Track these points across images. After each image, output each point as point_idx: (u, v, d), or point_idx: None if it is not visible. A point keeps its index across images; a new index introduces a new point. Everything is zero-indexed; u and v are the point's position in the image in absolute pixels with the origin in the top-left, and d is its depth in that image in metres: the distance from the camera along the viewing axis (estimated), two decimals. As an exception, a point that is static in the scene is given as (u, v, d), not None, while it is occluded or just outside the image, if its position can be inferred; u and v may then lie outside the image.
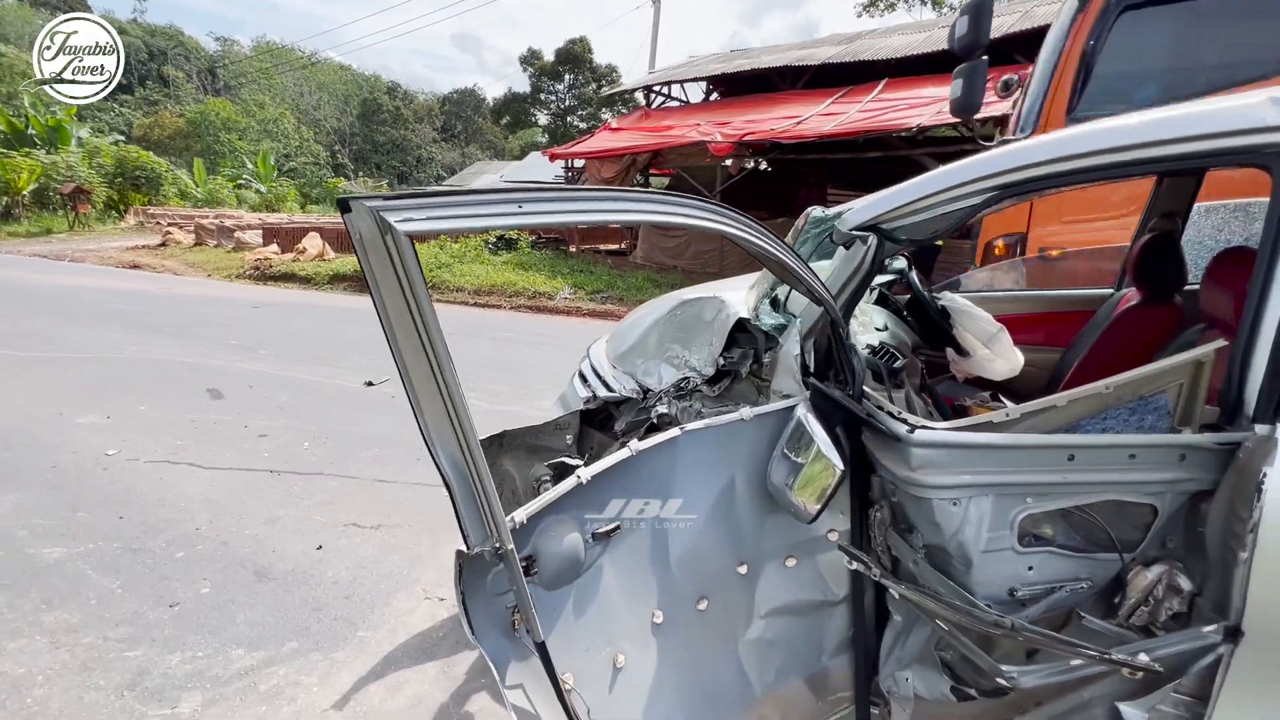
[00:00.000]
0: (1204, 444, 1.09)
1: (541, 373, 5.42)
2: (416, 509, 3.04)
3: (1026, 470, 1.13)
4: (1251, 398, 1.10)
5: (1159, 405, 1.15)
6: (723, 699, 1.35)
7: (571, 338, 7.03)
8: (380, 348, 6.24)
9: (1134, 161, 1.24)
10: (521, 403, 4.59)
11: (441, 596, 2.38)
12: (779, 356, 1.63)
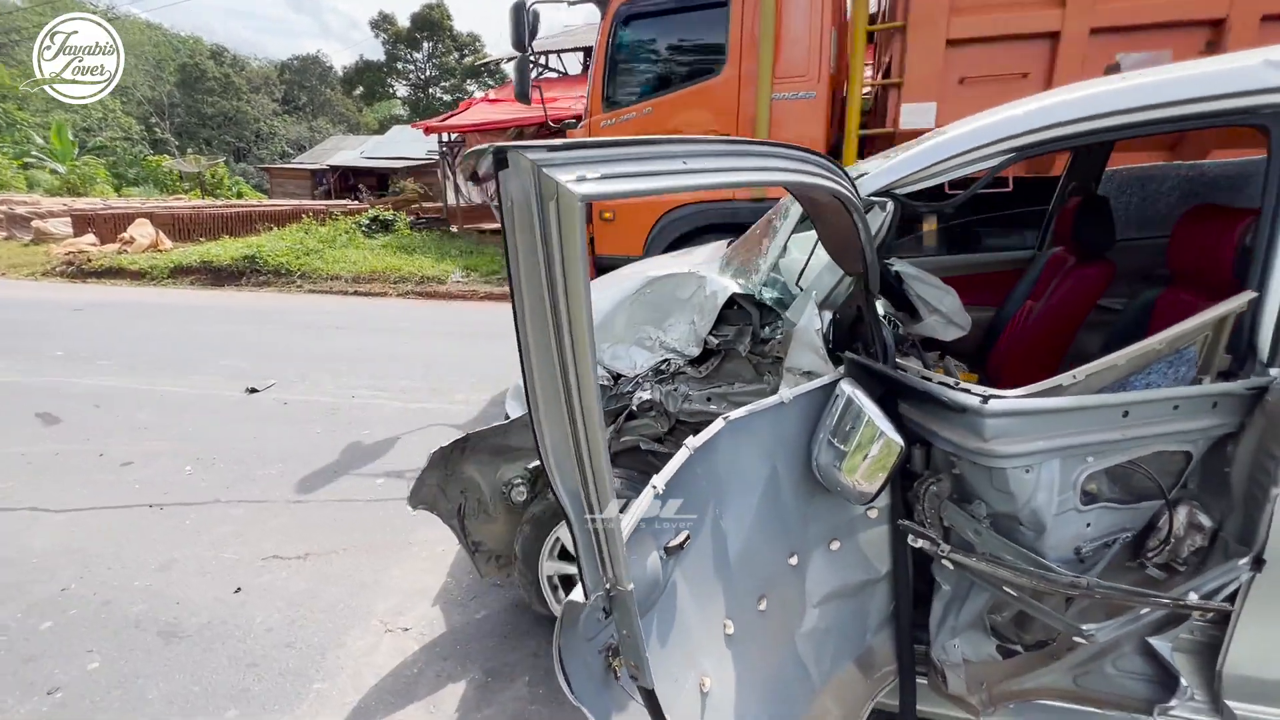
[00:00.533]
0: (1236, 390, 1.15)
1: (452, 364, 5.03)
2: (347, 529, 2.67)
3: (1089, 430, 1.14)
4: (1264, 344, 1.18)
5: (1189, 357, 1.20)
6: (789, 698, 1.27)
7: (472, 325, 6.61)
8: (257, 348, 5.46)
9: (1147, 122, 1.28)
10: (438, 399, 4.23)
11: (405, 626, 2.10)
12: (795, 332, 1.54)
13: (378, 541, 2.59)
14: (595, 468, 0.73)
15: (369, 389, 4.43)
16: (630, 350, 2.15)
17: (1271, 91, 1.21)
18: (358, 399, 4.24)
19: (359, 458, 3.35)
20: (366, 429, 3.72)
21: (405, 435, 3.64)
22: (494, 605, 2.21)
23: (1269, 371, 1.16)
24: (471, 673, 1.90)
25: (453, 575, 2.37)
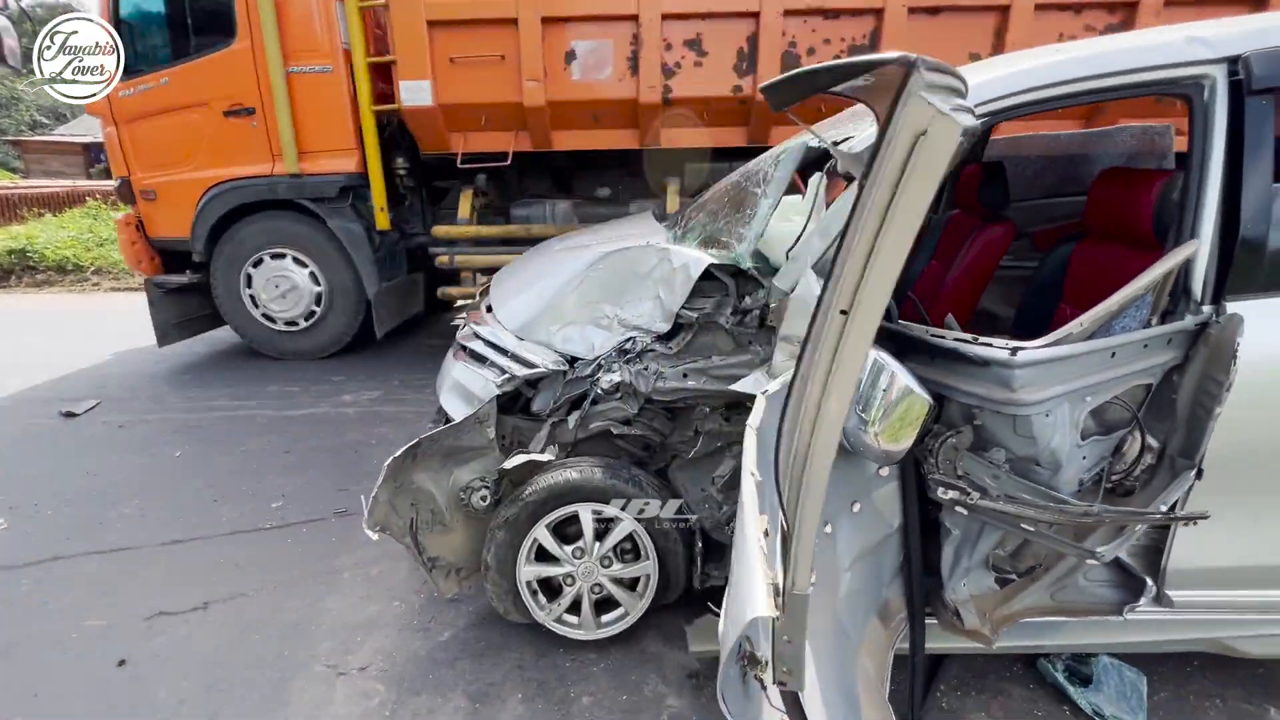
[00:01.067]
0: (1187, 327, 1.33)
1: (324, 359, 4.47)
2: (252, 566, 2.27)
3: (1090, 373, 1.26)
4: (1198, 286, 1.37)
5: (1147, 301, 1.36)
6: (842, 665, 1.28)
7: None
8: (54, 362, 4.49)
9: (1091, 90, 1.41)
10: (324, 402, 3.74)
11: (360, 665, 1.83)
12: (792, 300, 1.52)
13: (295, 575, 2.22)
14: (817, 466, 0.64)
15: (231, 398, 3.79)
16: (585, 331, 2.02)
17: (1192, 64, 1.37)
18: (219, 410, 3.61)
19: (242, 480, 2.86)
20: (242, 444, 3.18)
21: (295, 447, 3.17)
22: (458, 623, 2.00)
23: (1202, 310, 1.35)
24: (454, 701, 1.71)
25: (399, 598, 2.11)
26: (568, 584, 1.86)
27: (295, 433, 3.30)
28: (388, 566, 2.25)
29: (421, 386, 3.86)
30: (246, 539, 2.43)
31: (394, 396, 3.81)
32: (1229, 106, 1.35)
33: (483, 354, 2.17)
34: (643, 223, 2.83)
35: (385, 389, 3.92)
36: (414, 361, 4.45)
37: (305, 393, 3.85)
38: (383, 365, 4.38)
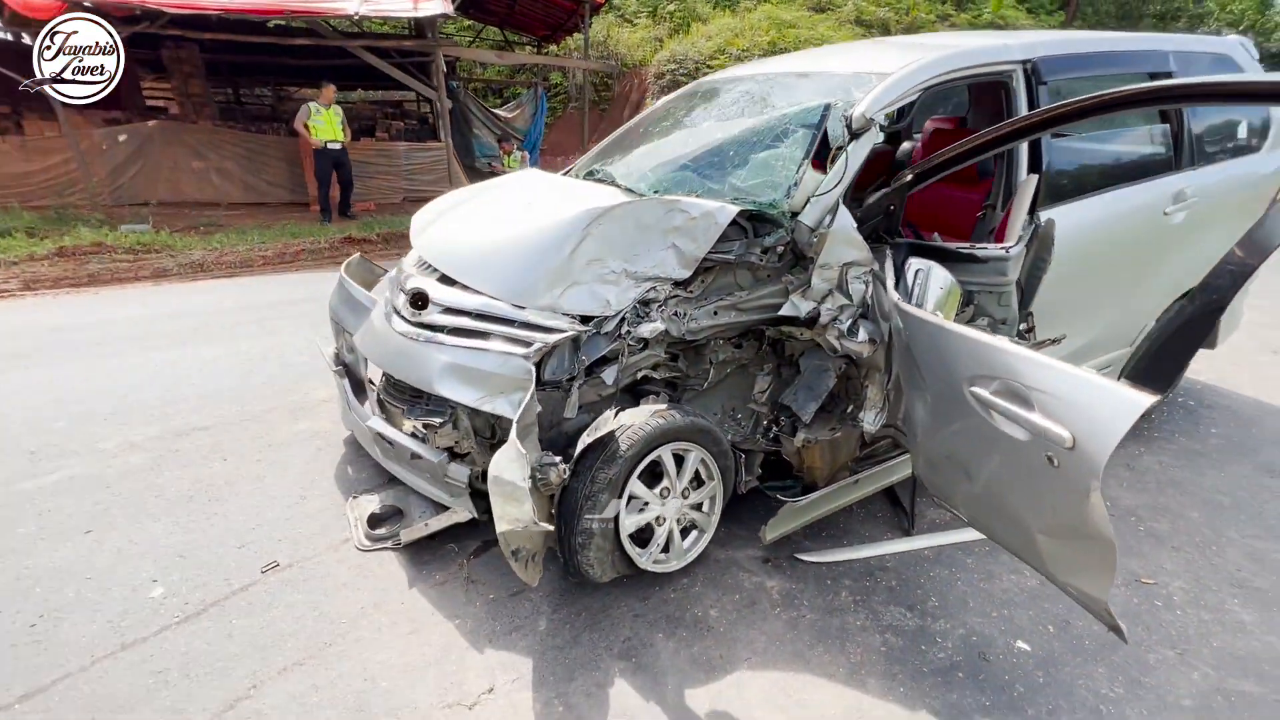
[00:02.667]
0: (1032, 227, 2.17)
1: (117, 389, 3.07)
2: (255, 645, 1.69)
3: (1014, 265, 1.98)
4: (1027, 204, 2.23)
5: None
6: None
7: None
8: None
9: (951, 80, 2.12)
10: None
11: (486, 689, 1.64)
12: (832, 232, 1.90)
13: (322, 638, 1.75)
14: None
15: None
16: (593, 289, 2.06)
17: (1006, 64, 2.18)
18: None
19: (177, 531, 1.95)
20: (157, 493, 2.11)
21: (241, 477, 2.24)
22: (542, 610, 1.92)
23: (1034, 218, 2.22)
24: (611, 667, 1.72)
25: (458, 618, 1.89)
26: (659, 524, 1.98)
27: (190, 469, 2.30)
28: (422, 594, 1.95)
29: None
30: (228, 613, 1.76)
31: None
32: (1026, 90, 2.20)
33: (477, 329, 2.01)
34: (543, 178, 2.79)
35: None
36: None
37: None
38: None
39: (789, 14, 18.74)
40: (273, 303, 4.96)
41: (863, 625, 1.87)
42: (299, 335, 4.15)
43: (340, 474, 2.61)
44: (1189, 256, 2.67)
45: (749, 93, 2.58)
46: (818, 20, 18.98)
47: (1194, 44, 2.79)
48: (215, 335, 4.15)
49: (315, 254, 6.88)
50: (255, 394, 3.30)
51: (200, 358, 3.76)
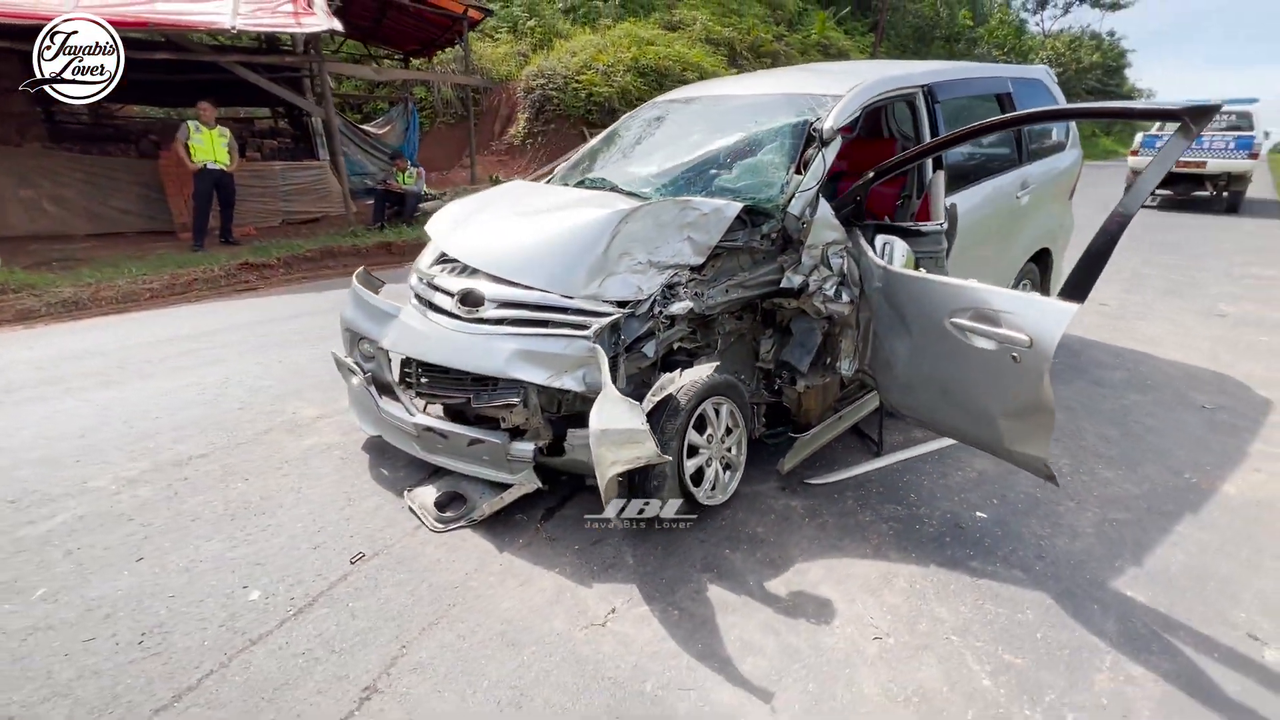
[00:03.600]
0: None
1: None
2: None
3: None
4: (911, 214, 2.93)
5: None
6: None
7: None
8: None
9: (883, 100, 2.77)
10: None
11: (610, 610, 1.96)
12: (817, 219, 2.43)
13: (443, 601, 1.94)
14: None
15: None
16: (625, 279, 2.44)
17: (914, 87, 2.88)
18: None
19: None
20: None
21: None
22: (625, 549, 2.25)
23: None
24: (697, 580, 2.10)
25: (556, 567, 2.17)
26: (707, 466, 2.39)
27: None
28: (514, 555, 2.20)
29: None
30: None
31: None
32: (927, 107, 2.91)
33: (536, 319, 2.32)
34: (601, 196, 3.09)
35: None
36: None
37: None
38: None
39: (646, 31, 19.83)
40: (193, 335, 4.68)
41: (870, 520, 2.42)
42: (247, 362, 4.04)
43: (376, 475, 2.73)
44: (1033, 226, 3.59)
45: (717, 111, 3.09)
46: (673, 38, 20.26)
47: (1019, 72, 3.74)
48: (147, 371, 3.90)
49: (210, 283, 6.41)
50: (236, 421, 3.24)
51: (147, 393, 3.56)
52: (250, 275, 6.77)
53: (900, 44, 33.22)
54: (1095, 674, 1.74)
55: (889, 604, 1.99)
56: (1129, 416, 3.29)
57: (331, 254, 7.50)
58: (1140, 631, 1.89)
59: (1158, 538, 2.32)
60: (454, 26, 11.30)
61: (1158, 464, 2.83)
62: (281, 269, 7.03)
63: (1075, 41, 35.40)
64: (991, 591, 2.04)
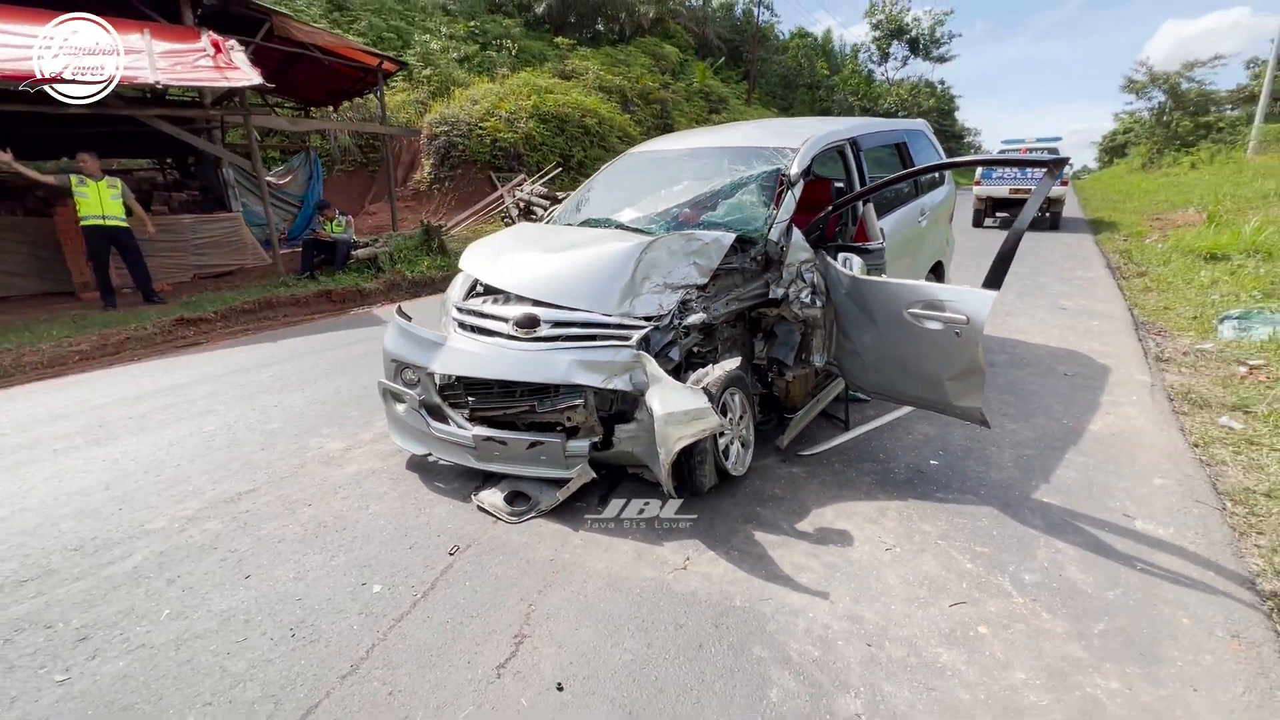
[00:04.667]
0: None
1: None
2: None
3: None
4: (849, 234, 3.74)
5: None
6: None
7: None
8: None
9: (828, 151, 3.56)
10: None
11: (686, 558, 2.43)
12: (793, 242, 3.11)
13: (547, 570, 2.32)
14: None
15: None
16: (648, 298, 3.00)
17: (842, 139, 3.69)
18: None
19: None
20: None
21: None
22: (678, 518, 2.74)
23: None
24: (754, 531, 2.64)
25: (628, 538, 2.61)
26: (730, 445, 2.95)
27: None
28: (588, 533, 2.62)
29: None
30: (432, 606, 2.19)
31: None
32: (854, 156, 3.73)
33: (584, 333, 2.81)
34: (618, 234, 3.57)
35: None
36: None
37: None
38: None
39: (544, 80, 20.73)
40: (160, 391, 4.61)
41: (856, 475, 3.08)
42: (242, 410, 4.12)
43: (433, 488, 3.03)
44: (930, 244, 4.55)
45: (694, 160, 3.75)
46: (569, 86, 21.30)
47: (909, 125, 4.74)
48: (134, 427, 3.88)
49: (144, 341, 6.18)
50: (265, 461, 3.38)
51: (149, 446, 3.59)
52: (187, 331, 6.57)
53: (770, 90, 36.69)
54: (1036, 550, 2.45)
55: (888, 527, 2.63)
56: (1016, 385, 4.24)
57: (270, 305, 7.39)
58: (1057, 522, 2.64)
59: (1055, 463, 3.15)
60: (365, 78, 11.46)
61: (1043, 415, 3.73)
62: (220, 323, 6.86)
63: (915, 89, 40.71)
64: (956, 510, 2.74)
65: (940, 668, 1.90)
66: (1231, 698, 1.77)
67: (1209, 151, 27.03)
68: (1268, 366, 4.24)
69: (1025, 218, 2.50)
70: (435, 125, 17.60)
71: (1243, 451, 3.17)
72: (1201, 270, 7.41)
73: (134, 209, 7.15)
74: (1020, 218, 2.50)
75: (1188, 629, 2.03)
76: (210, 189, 11.03)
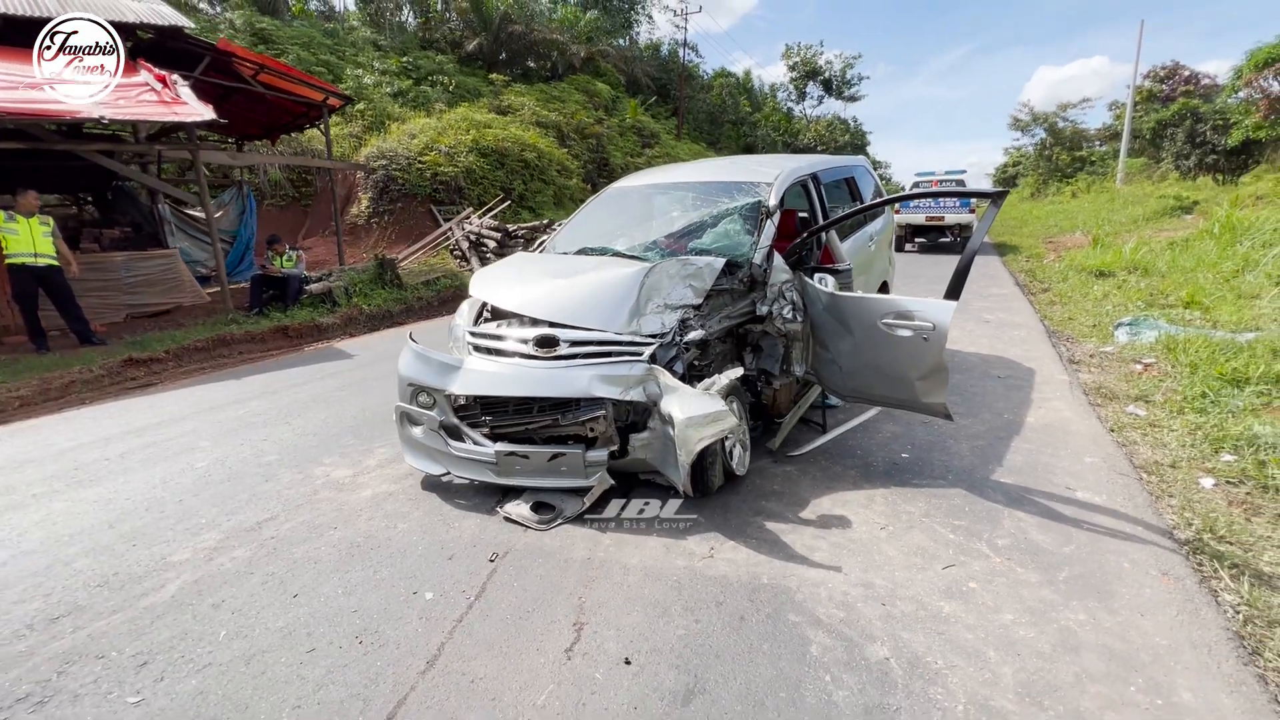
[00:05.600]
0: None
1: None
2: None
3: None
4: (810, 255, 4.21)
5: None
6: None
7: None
8: None
9: (796, 183, 4.02)
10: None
11: (707, 550, 2.70)
12: (774, 264, 3.50)
13: (585, 570, 2.51)
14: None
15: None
16: (650, 318, 3.31)
17: (806, 175, 4.17)
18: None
19: (340, 621, 2.27)
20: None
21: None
22: (695, 515, 3.00)
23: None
24: (763, 521, 2.93)
25: (653, 534, 2.85)
26: (733, 447, 3.25)
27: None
28: (615, 534, 2.83)
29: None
30: (488, 606, 2.34)
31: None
32: (815, 189, 4.21)
33: (599, 351, 3.08)
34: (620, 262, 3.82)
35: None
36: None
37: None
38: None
39: (481, 115, 20.97)
40: (131, 431, 4.47)
41: (841, 470, 3.45)
42: (231, 445, 4.09)
43: (455, 505, 3.17)
44: (879, 265, 5.11)
45: (677, 194, 4.11)
46: (507, 122, 21.63)
47: (853, 161, 5.33)
48: (116, 468, 3.79)
49: (92, 384, 5.91)
50: (274, 491, 3.41)
51: (140, 485, 3.53)
52: (138, 371, 6.29)
53: (698, 126, 38.37)
54: (1002, 520, 2.88)
55: (878, 510, 3.00)
56: (960, 388, 4.79)
57: (224, 342, 7.17)
58: (1015, 496, 3.09)
59: (1004, 450, 3.64)
60: (307, 113, 11.36)
61: (988, 411, 4.27)
62: (172, 362, 6.60)
63: (831, 125, 43.64)
64: (932, 492, 3.15)
65: (945, 616, 2.24)
66: (1169, 618, 2.20)
67: (1086, 182, 30.36)
68: (1158, 363, 4.99)
69: (976, 241, 2.99)
70: (373, 159, 17.47)
71: (1148, 433, 3.77)
72: (1094, 285, 8.47)
73: (61, 249, 6.80)
74: (970, 242, 2.99)
75: (1129, 571, 2.48)
76: (140, 225, 10.56)
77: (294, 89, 10.19)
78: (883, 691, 1.92)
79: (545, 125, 23.20)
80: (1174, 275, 8.32)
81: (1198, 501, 2.97)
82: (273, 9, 25.40)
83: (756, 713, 1.85)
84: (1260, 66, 20.11)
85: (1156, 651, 2.05)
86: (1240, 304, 6.53)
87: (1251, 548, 2.60)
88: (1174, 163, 26.05)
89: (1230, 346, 4.91)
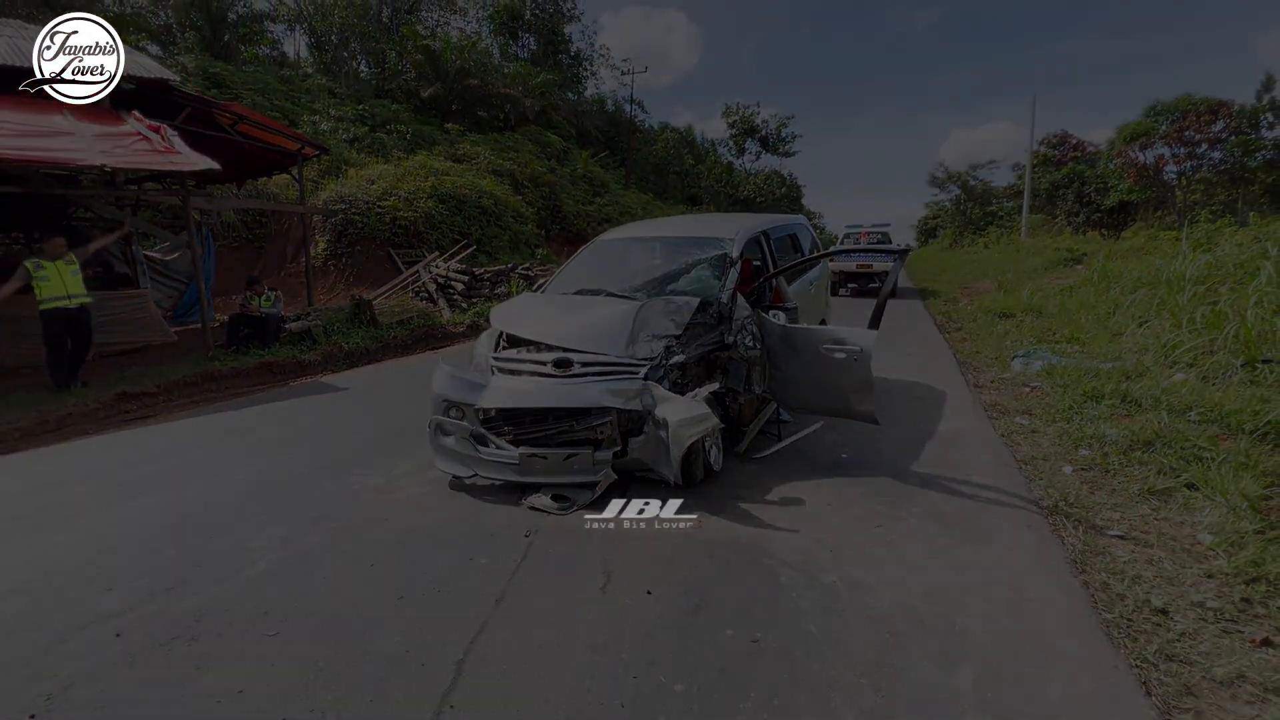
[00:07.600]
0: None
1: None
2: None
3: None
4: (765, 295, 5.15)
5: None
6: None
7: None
8: None
9: (755, 236, 4.97)
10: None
11: (686, 524, 3.44)
12: (738, 303, 4.38)
13: (617, 537, 3.20)
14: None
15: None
16: (641, 345, 4.13)
17: (759, 232, 5.14)
18: (172, 617, 2.58)
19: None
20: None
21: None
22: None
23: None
24: (738, 504, 3.70)
25: (656, 500, 3.57)
26: (710, 448, 4.04)
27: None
28: (624, 517, 3.54)
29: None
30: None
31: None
32: (766, 243, 5.18)
33: (605, 370, 3.84)
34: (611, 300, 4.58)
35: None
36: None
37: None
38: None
39: (439, 163, 21.72)
40: (154, 455, 4.85)
41: (798, 467, 4.28)
42: (255, 467, 4.55)
43: (482, 500, 3.79)
44: (818, 305, 6.12)
45: (657, 245, 4.98)
46: (464, 169, 22.44)
47: (795, 219, 6.38)
48: (128, 494, 4.12)
49: (88, 418, 6.16)
50: (319, 496, 3.93)
51: (158, 506, 3.95)
52: (131, 405, 6.55)
53: (644, 176, 40.34)
54: (918, 497, 3.75)
55: (825, 493, 3.83)
56: (888, 406, 5.76)
57: (211, 378, 7.47)
58: (928, 481, 3.99)
59: (921, 449, 4.58)
60: (280, 161, 11.83)
61: (909, 422, 5.24)
62: (163, 396, 6.87)
63: (769, 178, 46.66)
64: (866, 480, 4.01)
65: (877, 558, 3.06)
66: (1029, 553, 3.09)
67: (995, 234, 33.61)
68: (1042, 386, 6.15)
69: (888, 286, 3.96)
70: (332, 202, 17.85)
71: (1029, 437, 4.80)
72: (997, 324, 9.88)
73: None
74: (884, 287, 3.97)
75: (1005, 526, 3.38)
76: (110, 265, 10.64)
77: (271, 139, 10.70)
78: (833, 600, 2.70)
79: (501, 174, 24.13)
80: (1061, 316, 9.82)
81: (1058, 482, 3.95)
82: (225, 54, 25.71)
83: (747, 616, 2.59)
84: (1129, 140, 23.44)
85: (1017, 571, 2.93)
86: (1109, 339, 7.92)
87: (1090, 509, 3.56)
88: (1066, 219, 29.46)
89: (1094, 372, 6.12)
